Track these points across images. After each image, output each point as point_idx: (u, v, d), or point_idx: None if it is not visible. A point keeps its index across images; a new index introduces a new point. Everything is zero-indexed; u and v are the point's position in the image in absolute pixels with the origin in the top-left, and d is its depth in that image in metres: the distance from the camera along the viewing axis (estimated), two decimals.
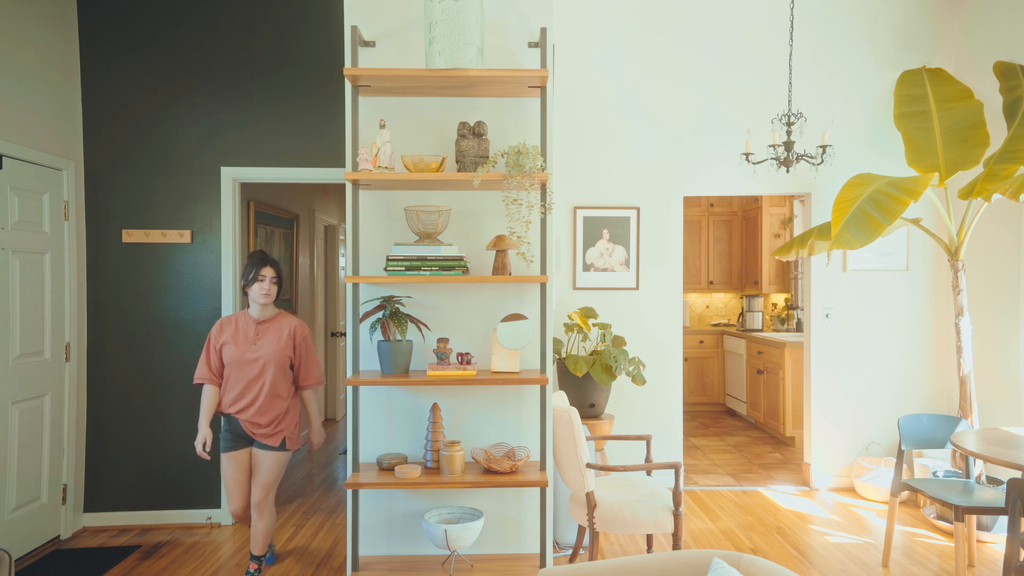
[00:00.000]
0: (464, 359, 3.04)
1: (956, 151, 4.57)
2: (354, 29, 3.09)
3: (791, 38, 4.76)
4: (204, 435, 3.42)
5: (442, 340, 3.06)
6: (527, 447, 3.16)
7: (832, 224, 3.94)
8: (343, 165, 4.39)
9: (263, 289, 3.36)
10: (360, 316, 3.12)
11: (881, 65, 5.19)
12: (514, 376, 3.03)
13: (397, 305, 3.10)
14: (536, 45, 3.19)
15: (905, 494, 4.89)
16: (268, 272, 3.36)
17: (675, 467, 3.29)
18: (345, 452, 6.10)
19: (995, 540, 4.15)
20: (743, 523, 4.51)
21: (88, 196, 4.42)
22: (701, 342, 8.11)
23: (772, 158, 4.53)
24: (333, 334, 7.83)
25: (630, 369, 4.40)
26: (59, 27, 4.24)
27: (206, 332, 4.47)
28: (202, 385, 3.45)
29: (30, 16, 3.99)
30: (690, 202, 8.24)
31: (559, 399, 3.70)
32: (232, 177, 4.47)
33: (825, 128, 5.07)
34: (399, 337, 3.08)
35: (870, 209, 3.94)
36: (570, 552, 3.93)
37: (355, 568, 3.07)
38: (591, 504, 3.29)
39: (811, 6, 5.17)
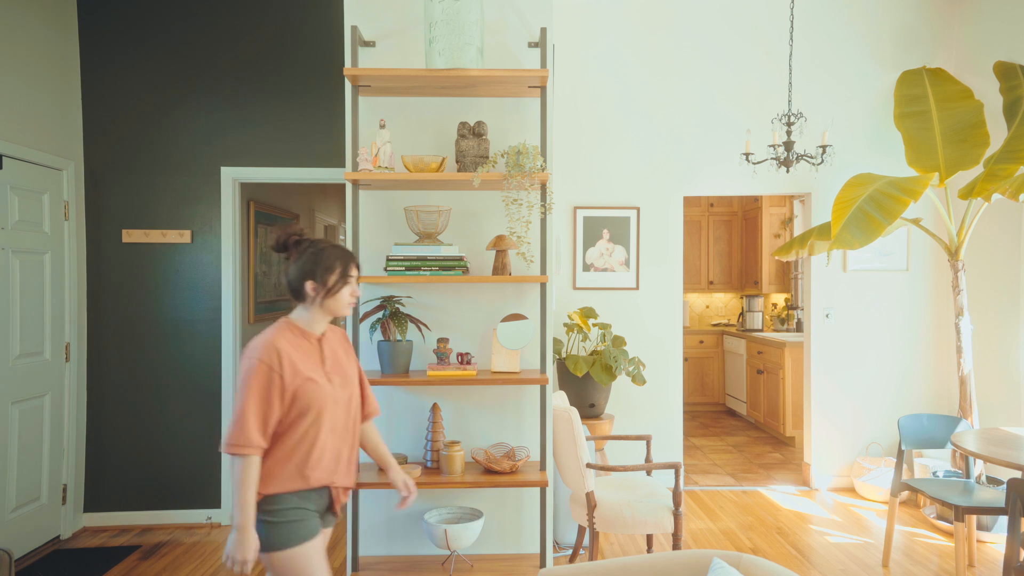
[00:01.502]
0: (464, 359, 3.04)
1: (956, 151, 4.57)
2: (354, 29, 3.09)
3: (791, 38, 4.76)
4: (254, 543, 2.02)
5: (442, 340, 3.06)
6: (527, 447, 3.16)
7: (832, 224, 3.94)
8: (343, 165, 4.39)
9: (356, 293, 2.25)
10: (360, 316, 3.12)
11: (881, 65, 5.19)
12: (514, 376, 3.03)
13: (397, 305, 3.10)
14: (536, 45, 3.19)
15: (905, 494, 4.89)
16: (355, 272, 2.25)
17: (675, 467, 3.29)
18: None
19: (995, 540, 4.15)
20: (743, 523, 4.51)
21: (88, 196, 4.42)
22: (701, 342, 8.11)
23: (772, 158, 4.54)
24: None
25: (630, 369, 4.40)
26: (59, 27, 4.24)
27: (206, 332, 4.47)
28: (238, 457, 2.01)
29: (30, 15, 3.99)
30: (690, 202, 8.24)
31: (559, 399, 3.70)
32: (232, 177, 4.47)
33: (825, 128, 5.07)
34: (399, 337, 3.08)
35: (870, 209, 3.94)
36: (570, 552, 3.93)
37: (355, 568, 3.07)
38: (591, 504, 3.29)
39: (811, 6, 5.17)
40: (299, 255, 2.16)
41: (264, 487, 2.06)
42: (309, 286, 2.14)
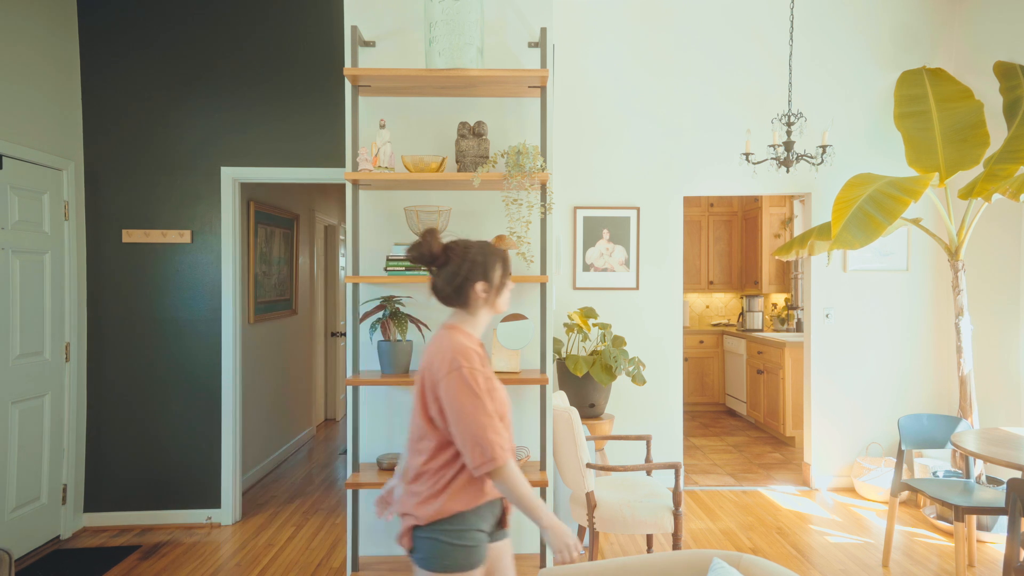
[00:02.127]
0: None
1: (956, 151, 4.57)
2: (354, 29, 3.09)
3: (791, 38, 4.76)
4: (567, 528, 1.99)
5: None
6: (527, 447, 3.16)
7: (832, 224, 3.94)
8: (343, 165, 4.39)
9: (510, 287, 2.19)
10: (360, 316, 3.12)
11: (881, 65, 5.19)
12: (514, 376, 3.03)
13: (397, 305, 3.10)
14: (536, 45, 3.19)
15: (905, 494, 4.89)
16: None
17: (675, 467, 3.29)
18: (345, 452, 6.11)
19: (995, 540, 4.15)
20: (743, 523, 4.51)
21: (88, 196, 4.42)
22: (701, 342, 8.11)
23: (772, 158, 4.53)
24: (333, 334, 7.83)
25: (630, 369, 4.40)
26: (59, 26, 4.24)
27: (206, 332, 4.47)
28: (503, 468, 1.91)
29: (30, 15, 3.98)
30: (690, 202, 8.24)
31: (559, 399, 3.70)
32: (232, 177, 4.47)
33: (825, 128, 5.06)
34: (399, 337, 3.08)
35: (870, 209, 3.94)
36: None
37: (355, 568, 3.07)
38: (591, 504, 3.29)
39: (811, 6, 5.17)
40: (461, 258, 2.03)
41: (450, 504, 1.95)
42: (480, 287, 2.02)
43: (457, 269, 2.01)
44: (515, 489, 1.91)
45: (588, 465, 3.30)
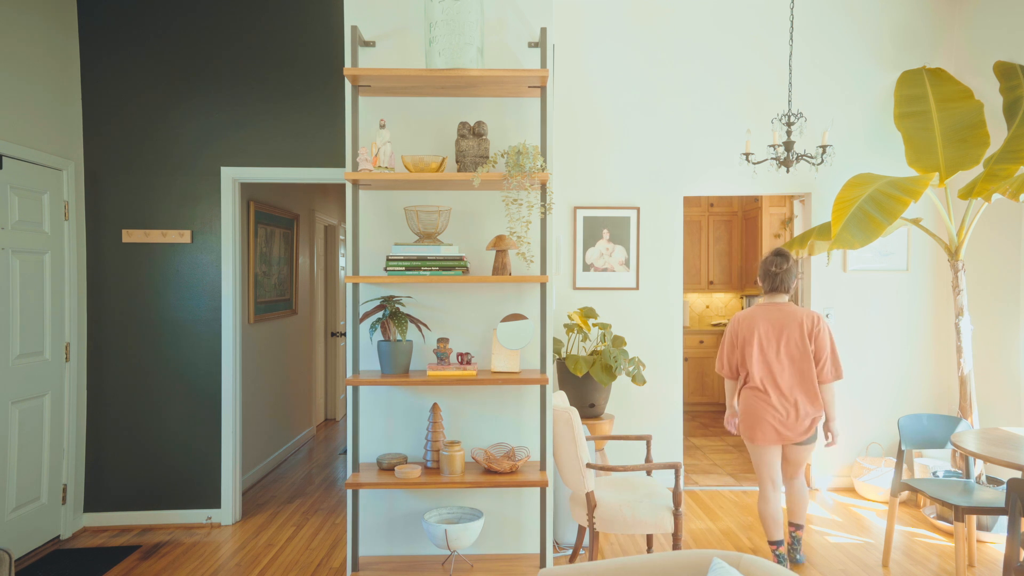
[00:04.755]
0: (464, 359, 3.04)
1: (956, 151, 4.57)
2: (354, 29, 3.09)
3: (791, 39, 4.76)
4: None
5: (442, 340, 3.06)
6: (527, 447, 3.16)
7: (832, 224, 3.94)
8: (343, 165, 4.39)
9: None
10: (360, 316, 3.12)
11: (881, 65, 5.19)
12: (514, 376, 3.03)
13: (397, 305, 3.10)
14: (536, 45, 3.19)
15: (905, 494, 4.89)
16: None
17: (675, 467, 3.29)
18: (345, 452, 6.11)
19: (995, 540, 4.15)
20: (743, 523, 4.51)
21: (88, 196, 4.42)
22: (701, 342, 8.11)
23: (772, 158, 4.53)
24: (333, 334, 7.83)
25: (630, 369, 4.40)
26: (59, 26, 4.24)
27: (206, 332, 4.48)
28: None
29: (30, 14, 3.98)
30: (690, 202, 8.24)
31: (559, 399, 3.70)
32: (232, 177, 4.47)
33: (825, 128, 5.07)
34: (399, 337, 3.08)
35: (870, 209, 3.94)
36: (570, 552, 3.93)
37: (355, 568, 3.07)
38: (591, 504, 3.29)
39: (811, 6, 5.17)
40: (792, 264, 3.70)
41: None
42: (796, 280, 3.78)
43: (793, 270, 3.70)
44: (835, 395, 3.70)
45: (588, 465, 3.30)
